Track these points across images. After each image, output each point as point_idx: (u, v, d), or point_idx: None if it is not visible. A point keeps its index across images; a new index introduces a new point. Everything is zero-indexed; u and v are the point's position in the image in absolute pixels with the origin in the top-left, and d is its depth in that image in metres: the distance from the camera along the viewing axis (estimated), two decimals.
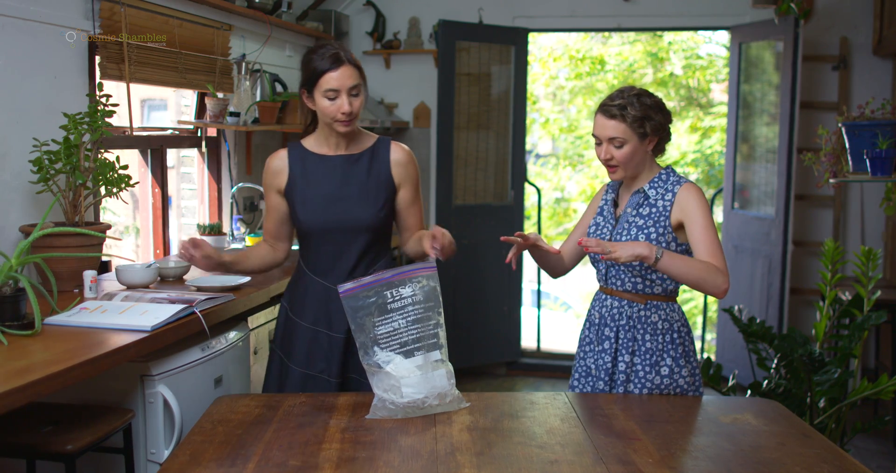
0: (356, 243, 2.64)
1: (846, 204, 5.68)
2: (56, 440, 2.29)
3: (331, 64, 2.50)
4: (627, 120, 2.43)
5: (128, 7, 3.58)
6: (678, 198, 2.47)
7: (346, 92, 2.51)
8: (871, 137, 3.18)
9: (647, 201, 2.51)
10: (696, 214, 2.43)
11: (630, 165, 2.49)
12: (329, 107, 2.53)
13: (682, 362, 2.51)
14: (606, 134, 2.47)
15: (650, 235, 2.45)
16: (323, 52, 2.53)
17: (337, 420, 2.22)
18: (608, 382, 2.56)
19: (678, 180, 2.51)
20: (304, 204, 2.63)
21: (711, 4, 5.79)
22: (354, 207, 2.62)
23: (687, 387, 2.52)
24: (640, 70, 11.10)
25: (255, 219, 5.05)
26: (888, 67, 5.53)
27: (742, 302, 5.25)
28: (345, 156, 2.66)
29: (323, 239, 2.64)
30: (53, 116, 3.17)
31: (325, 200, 2.62)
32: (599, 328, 2.58)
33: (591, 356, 2.60)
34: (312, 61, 2.53)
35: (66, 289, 3.01)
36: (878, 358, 5.27)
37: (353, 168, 2.65)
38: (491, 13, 5.96)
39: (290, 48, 5.38)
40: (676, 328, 2.52)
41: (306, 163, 2.65)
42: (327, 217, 2.61)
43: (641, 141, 2.46)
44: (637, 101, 2.44)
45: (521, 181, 6.20)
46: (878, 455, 4.46)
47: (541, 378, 6.21)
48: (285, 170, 2.67)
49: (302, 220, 2.64)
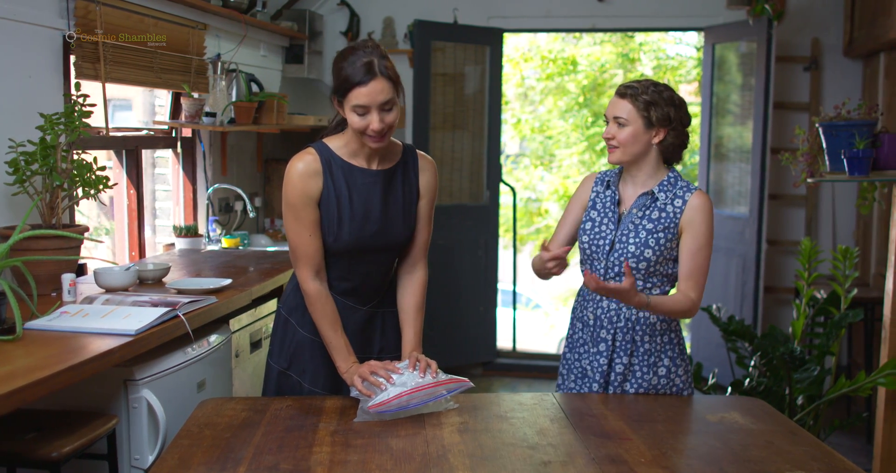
0: (385, 262, 2.47)
1: (818, 203, 5.75)
2: (40, 447, 2.25)
3: (361, 76, 2.21)
4: (636, 102, 2.43)
5: (103, 6, 3.53)
6: (689, 206, 2.45)
7: (376, 109, 2.23)
8: (849, 137, 3.22)
9: (656, 204, 2.47)
10: (699, 230, 2.44)
11: (629, 149, 2.45)
12: (358, 122, 2.25)
13: (678, 361, 2.52)
14: (613, 112, 2.47)
15: (659, 240, 2.43)
16: (354, 59, 2.23)
17: (326, 422, 2.20)
18: (602, 384, 2.54)
19: (687, 187, 2.48)
20: (344, 223, 2.35)
21: (685, 6, 5.84)
22: (397, 227, 2.42)
23: (683, 386, 2.54)
24: (610, 70, 11.17)
25: (231, 220, 5.00)
26: (858, 67, 5.61)
27: (717, 301, 5.29)
28: (384, 171, 2.40)
29: (354, 260, 2.42)
30: (29, 117, 3.11)
31: (369, 221, 2.37)
32: (594, 330, 2.54)
33: (586, 358, 2.56)
34: (343, 69, 2.24)
35: (44, 293, 2.95)
36: (850, 356, 5.34)
37: (391, 185, 2.41)
38: (466, 13, 5.96)
39: (265, 48, 5.34)
40: (673, 328, 2.53)
41: (342, 172, 2.35)
42: (371, 239, 2.39)
43: (647, 128, 2.43)
44: (653, 88, 2.44)
45: (497, 182, 6.21)
46: (852, 451, 4.51)
47: (517, 378, 6.22)
48: (320, 176, 2.34)
49: (340, 240, 2.36)
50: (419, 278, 2.51)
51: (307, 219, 2.33)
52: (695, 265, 2.44)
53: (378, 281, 2.49)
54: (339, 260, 2.41)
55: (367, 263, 2.43)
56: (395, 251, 2.48)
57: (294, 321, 2.49)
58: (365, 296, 2.47)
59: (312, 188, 2.32)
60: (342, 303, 2.44)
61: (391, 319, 2.54)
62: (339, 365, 2.36)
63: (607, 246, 2.49)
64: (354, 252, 2.39)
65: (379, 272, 2.48)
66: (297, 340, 2.49)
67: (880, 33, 4.78)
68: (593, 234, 2.54)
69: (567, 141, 11.74)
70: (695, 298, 2.43)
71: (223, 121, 4.44)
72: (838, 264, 3.72)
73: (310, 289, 2.36)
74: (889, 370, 3.10)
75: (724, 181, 5.89)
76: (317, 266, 2.36)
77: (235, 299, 3.16)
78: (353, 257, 2.40)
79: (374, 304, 2.50)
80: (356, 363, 2.34)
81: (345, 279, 2.44)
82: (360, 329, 2.47)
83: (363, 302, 2.47)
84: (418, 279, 2.51)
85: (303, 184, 2.31)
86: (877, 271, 5.18)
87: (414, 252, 2.51)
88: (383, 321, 2.53)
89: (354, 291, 2.46)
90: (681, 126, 2.48)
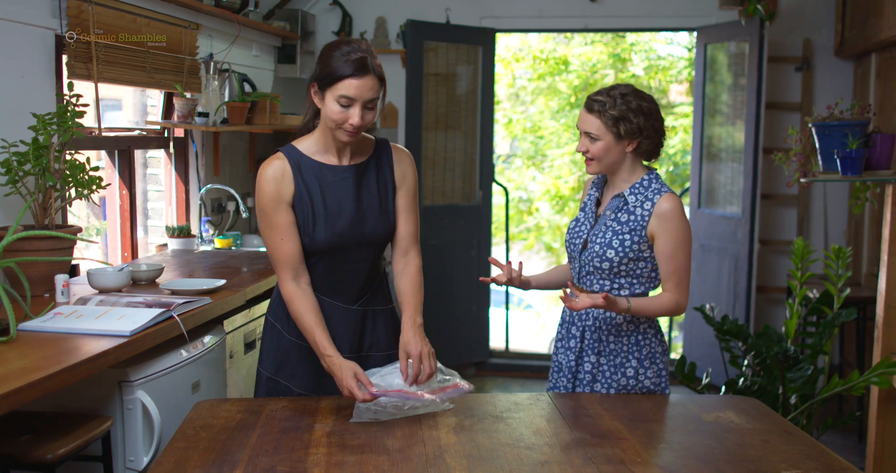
0: (368, 259, 2.46)
1: (809, 203, 5.77)
2: (34, 449, 2.24)
3: (354, 70, 2.22)
4: (603, 117, 2.43)
5: (96, 5, 3.51)
6: (656, 210, 2.45)
7: (361, 104, 2.25)
8: (842, 137, 3.23)
9: (626, 207, 2.49)
10: (670, 234, 2.43)
11: (604, 161, 2.48)
12: (338, 113, 2.26)
13: (646, 363, 2.53)
14: (584, 127, 2.48)
15: (624, 242, 2.45)
16: (349, 51, 2.24)
17: (321, 423, 2.19)
18: (571, 380, 2.58)
19: (658, 190, 2.48)
20: (318, 222, 2.36)
21: (677, 6, 5.85)
22: (372, 221, 2.42)
23: (653, 387, 2.54)
24: (602, 71, 11.18)
25: (223, 221, 4.99)
26: (849, 68, 5.63)
27: (709, 300, 5.31)
28: (355, 166, 2.41)
29: (335, 258, 2.41)
30: (21, 117, 3.09)
31: (343, 216, 2.38)
32: (568, 326, 2.61)
33: (562, 353, 2.63)
34: (333, 59, 2.25)
35: (37, 294, 2.94)
36: (842, 355, 5.36)
37: (364, 179, 2.43)
38: (458, 13, 5.96)
39: (257, 48, 5.33)
40: (642, 331, 2.53)
41: (312, 172, 2.37)
42: (347, 235, 2.38)
43: (617, 140, 2.45)
44: (621, 100, 2.42)
45: (489, 182, 6.22)
46: (844, 449, 4.53)
47: (510, 378, 6.23)
48: (291, 179, 2.35)
49: (317, 239, 2.36)
50: (413, 263, 2.51)
51: (281, 224, 2.34)
52: (673, 268, 2.45)
53: (364, 279, 2.48)
54: (320, 260, 2.41)
55: (349, 260, 2.43)
56: (376, 247, 2.47)
57: (280, 327, 2.49)
58: (352, 295, 2.47)
59: (284, 192, 2.34)
60: (330, 303, 2.43)
61: (381, 318, 2.54)
62: (321, 354, 2.30)
63: (581, 245, 2.54)
64: (334, 250, 2.39)
65: (364, 269, 2.47)
66: (284, 345, 2.48)
67: (871, 34, 4.80)
68: (573, 233, 2.60)
69: (558, 141, 11.75)
70: (679, 298, 2.46)
71: (216, 121, 4.43)
72: (831, 263, 3.74)
73: (288, 289, 2.36)
74: (882, 369, 3.12)
75: (716, 181, 5.91)
76: (295, 270, 2.36)
77: (230, 299, 3.15)
78: (333, 256, 2.40)
79: (362, 302, 2.49)
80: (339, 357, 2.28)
81: (330, 279, 2.43)
82: (350, 329, 2.46)
83: (351, 301, 2.46)
84: (412, 265, 2.51)
85: (273, 189, 2.33)
86: (868, 270, 5.20)
87: (403, 243, 2.50)
88: (374, 320, 2.52)
89: (341, 290, 2.45)
90: (654, 133, 2.48)
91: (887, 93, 4.89)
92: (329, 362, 2.28)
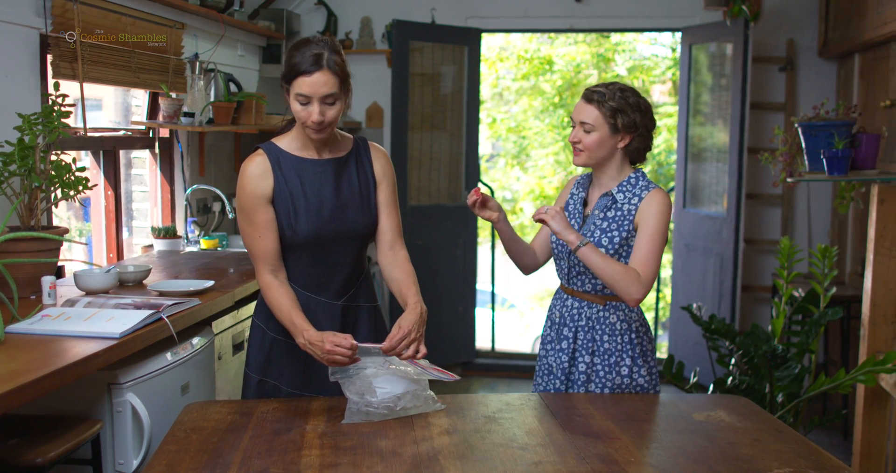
0: (351, 253, 2.47)
1: (793, 203, 5.81)
2: (24, 452, 2.21)
3: (308, 66, 2.25)
4: (602, 108, 2.45)
5: (80, 4, 3.49)
6: (644, 202, 2.48)
7: (318, 100, 2.27)
8: (828, 137, 3.26)
9: (615, 204, 2.51)
10: (650, 221, 2.45)
11: (595, 153, 2.49)
12: (299, 111, 2.30)
13: (640, 362, 2.55)
14: (580, 117, 2.49)
15: (613, 238, 2.47)
16: (306, 49, 2.28)
17: (313, 425, 2.18)
18: (564, 381, 2.58)
19: (647, 186, 2.51)
20: (300, 214, 2.37)
21: (662, 6, 5.87)
22: (353, 213, 2.44)
23: (647, 386, 2.56)
24: (585, 71, 11.21)
25: (209, 221, 4.96)
26: (833, 68, 5.67)
27: (695, 300, 5.33)
28: (334, 159, 2.45)
29: (318, 251, 2.42)
30: (5, 117, 3.07)
31: (324, 208, 2.39)
32: (559, 328, 2.60)
33: (552, 355, 2.62)
34: (293, 57, 2.29)
35: (23, 296, 2.91)
36: (826, 353, 5.40)
37: (343, 172, 2.45)
38: (443, 13, 5.96)
39: (242, 48, 5.31)
40: (634, 329, 2.55)
41: (292, 166, 2.39)
42: (329, 227, 2.40)
43: (612, 133, 2.47)
44: (620, 94, 2.46)
45: (475, 182, 6.21)
46: (829, 447, 4.56)
47: (496, 378, 6.23)
48: (271, 174, 2.38)
49: (299, 232, 2.37)
50: (400, 254, 2.52)
51: (260, 221, 2.36)
52: (645, 252, 2.42)
53: (347, 274, 2.48)
54: (304, 253, 2.42)
55: (332, 254, 2.44)
56: (358, 241, 2.47)
57: (264, 326, 2.50)
58: (336, 290, 2.47)
59: (264, 188, 2.36)
60: (314, 300, 2.44)
61: (365, 314, 2.54)
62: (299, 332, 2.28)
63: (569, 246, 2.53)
64: (317, 243, 2.40)
65: (347, 264, 2.47)
66: (270, 344, 2.49)
67: (854, 35, 4.84)
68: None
69: (542, 141, 11.77)
70: (642, 275, 2.40)
71: (201, 121, 4.40)
72: (817, 262, 3.76)
73: (265, 280, 2.38)
74: (868, 368, 3.14)
75: (701, 181, 5.93)
76: (273, 266, 2.38)
77: (218, 301, 3.13)
78: (316, 249, 2.41)
79: (346, 298, 2.49)
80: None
81: (313, 274, 2.44)
82: (334, 325, 2.45)
83: (336, 297, 2.46)
84: (400, 255, 2.52)
85: (253, 185, 2.36)
86: (852, 269, 5.24)
87: (388, 236, 2.51)
88: (358, 317, 2.53)
89: (325, 285, 2.45)
90: (646, 131, 2.51)
91: (871, 93, 4.93)
92: (307, 336, 2.25)
